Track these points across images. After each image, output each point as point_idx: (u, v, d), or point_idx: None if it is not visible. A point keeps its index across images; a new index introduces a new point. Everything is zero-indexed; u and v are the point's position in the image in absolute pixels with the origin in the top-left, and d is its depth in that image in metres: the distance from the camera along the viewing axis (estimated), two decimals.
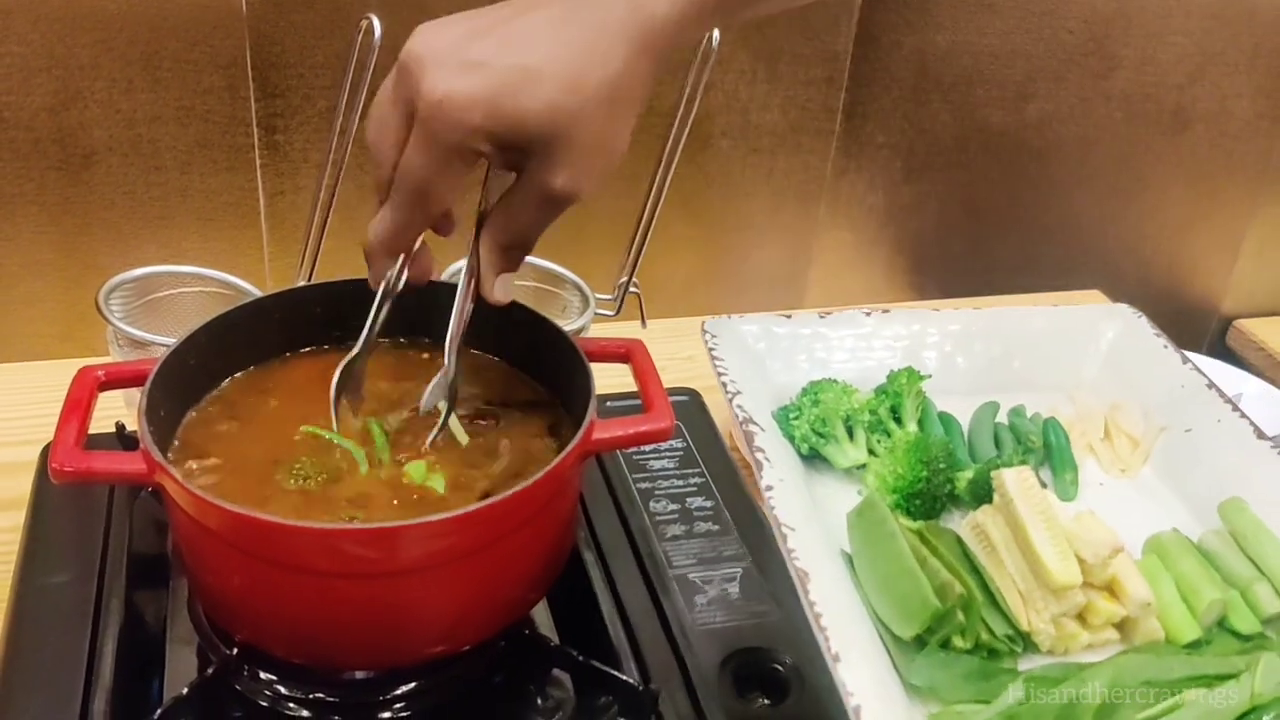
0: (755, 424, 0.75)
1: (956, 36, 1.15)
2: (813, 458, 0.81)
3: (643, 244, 0.94)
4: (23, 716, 0.66)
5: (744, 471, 0.92)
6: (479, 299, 0.69)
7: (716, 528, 0.83)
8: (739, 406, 0.76)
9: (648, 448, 0.89)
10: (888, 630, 0.68)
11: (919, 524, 0.75)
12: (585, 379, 0.70)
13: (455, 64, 0.59)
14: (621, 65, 0.60)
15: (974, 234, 1.26)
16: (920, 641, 0.68)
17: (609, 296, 0.96)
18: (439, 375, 0.71)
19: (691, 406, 0.95)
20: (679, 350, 1.09)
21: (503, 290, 0.68)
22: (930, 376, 0.85)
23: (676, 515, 0.84)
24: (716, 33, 0.86)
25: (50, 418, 0.93)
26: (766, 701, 0.71)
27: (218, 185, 1.07)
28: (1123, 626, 0.72)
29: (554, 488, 0.67)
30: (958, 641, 0.68)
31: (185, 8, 0.98)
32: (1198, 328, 1.39)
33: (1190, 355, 0.93)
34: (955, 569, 0.70)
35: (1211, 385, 0.84)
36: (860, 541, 0.73)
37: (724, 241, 1.22)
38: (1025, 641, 0.70)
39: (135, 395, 0.86)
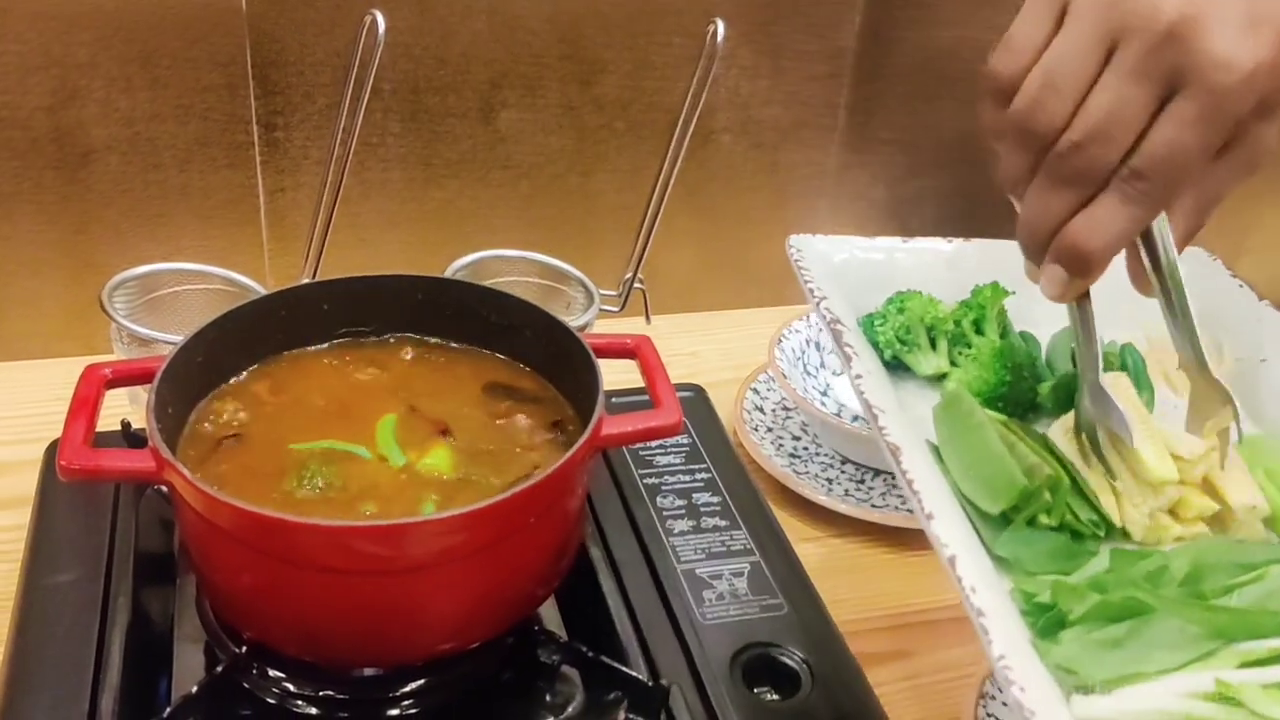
0: (842, 324, 0.75)
1: (960, 32, 1.15)
2: (894, 366, 0.83)
3: (647, 240, 0.94)
4: (31, 715, 0.66)
5: (749, 466, 0.92)
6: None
7: (724, 523, 0.83)
8: (825, 309, 0.77)
9: (654, 443, 0.89)
10: (976, 510, 0.69)
11: (1006, 418, 0.76)
12: (593, 375, 0.70)
13: (1240, 24, 0.52)
14: None
15: (977, 229, 1.24)
16: (1006, 519, 0.68)
17: (613, 293, 0.95)
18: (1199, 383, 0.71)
19: (697, 402, 0.95)
20: (683, 346, 1.09)
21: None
22: (1014, 293, 0.86)
23: (683, 511, 0.83)
24: (721, 28, 0.86)
25: (52, 416, 0.93)
26: (776, 696, 0.72)
27: (217, 183, 1.06)
28: (1216, 522, 0.73)
29: (563, 484, 0.67)
30: (1043, 520, 0.69)
31: (184, 5, 0.98)
32: None
33: None
34: (1042, 454, 0.72)
35: None
36: (947, 431, 0.74)
37: (727, 237, 1.21)
38: (1109, 527, 0.70)
39: (140, 393, 0.86)
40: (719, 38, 0.84)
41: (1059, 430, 0.78)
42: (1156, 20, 0.53)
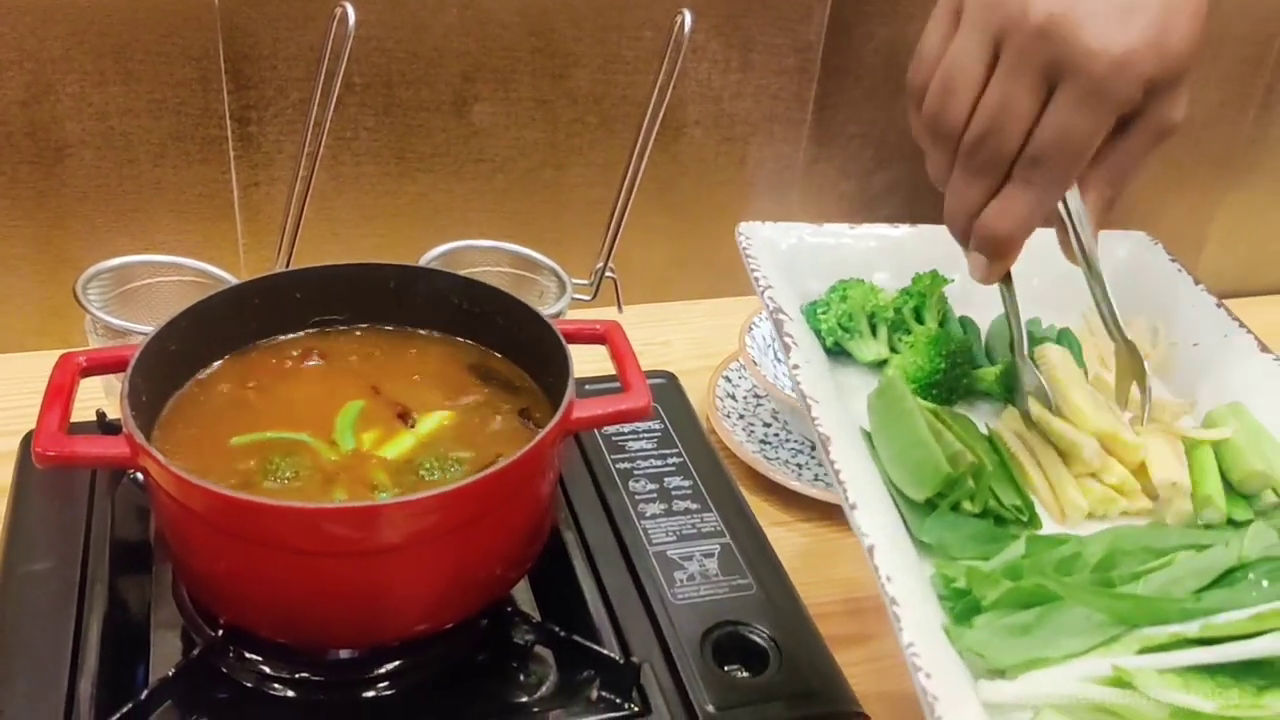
0: (784, 313, 0.77)
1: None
2: (836, 353, 0.84)
3: (618, 229, 0.95)
4: (8, 701, 0.66)
5: (721, 452, 0.93)
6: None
7: (695, 506, 0.84)
8: (769, 298, 0.78)
9: (626, 429, 0.90)
10: (903, 497, 0.71)
11: (935, 405, 0.78)
12: (563, 359, 0.71)
13: (1113, 14, 0.55)
14: None
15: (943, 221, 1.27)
16: (931, 505, 0.70)
17: (585, 282, 0.96)
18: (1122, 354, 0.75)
19: (669, 389, 0.96)
20: (655, 336, 1.10)
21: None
22: (954, 280, 0.88)
23: (655, 494, 0.85)
24: (689, 20, 0.87)
25: (27, 409, 0.93)
26: (746, 673, 0.73)
27: (191, 178, 1.07)
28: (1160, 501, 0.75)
29: (534, 466, 0.68)
30: (967, 506, 0.71)
31: (157, 0, 0.98)
32: None
33: None
34: (967, 441, 0.73)
35: (1221, 304, 0.87)
36: (878, 418, 0.76)
37: (698, 229, 1.22)
38: (1031, 513, 0.73)
39: (115, 384, 0.87)
40: (686, 29, 0.85)
41: (1007, 417, 0.80)
42: (1029, 20, 0.56)
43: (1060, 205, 0.67)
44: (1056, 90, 0.58)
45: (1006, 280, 0.75)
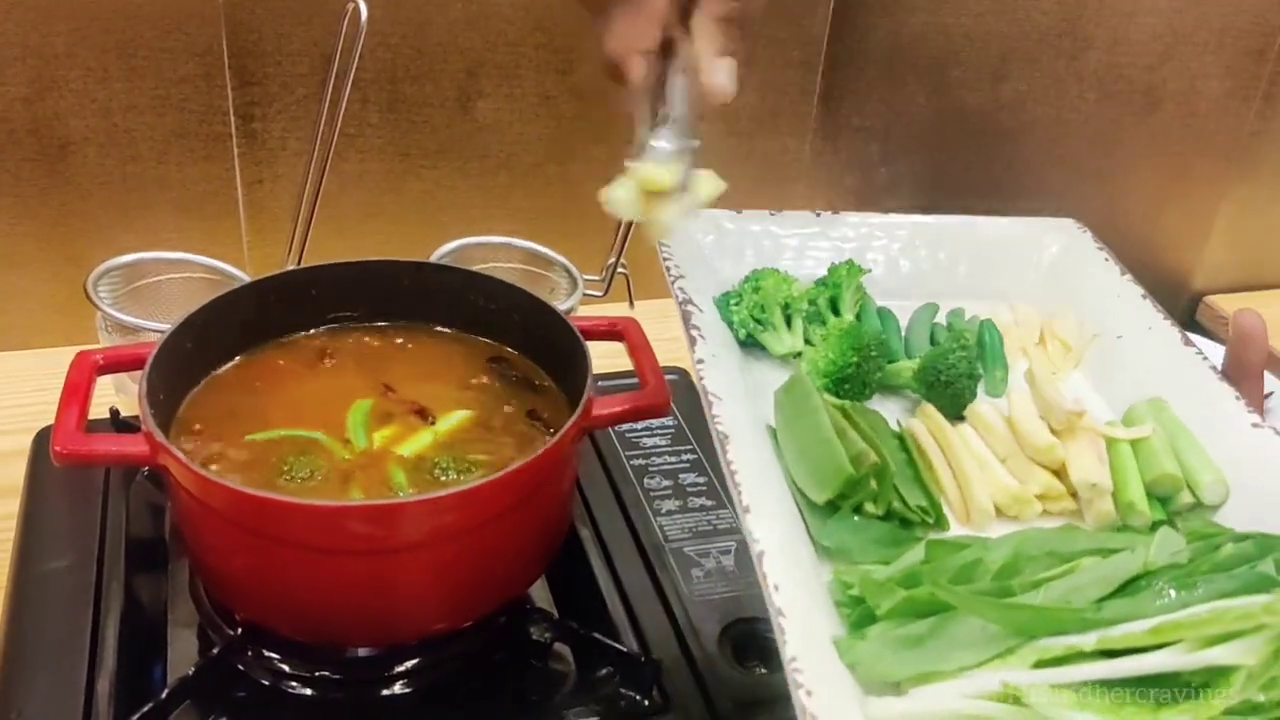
0: (694, 305, 0.75)
1: (931, 19, 1.16)
2: (751, 345, 0.82)
3: (630, 224, 0.94)
4: (28, 700, 0.66)
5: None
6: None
7: (710, 502, 0.84)
8: (679, 289, 0.76)
9: (640, 425, 0.90)
10: (805, 498, 0.69)
11: (843, 402, 0.76)
12: (581, 356, 0.71)
13: None
14: None
15: (949, 213, 1.27)
16: (833, 507, 0.68)
17: (596, 278, 0.96)
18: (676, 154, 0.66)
19: (682, 385, 0.96)
20: (666, 330, 1.09)
21: (728, 75, 0.61)
22: (870, 271, 0.86)
23: (670, 491, 0.85)
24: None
25: (36, 407, 0.94)
26: (764, 670, 0.73)
27: (195, 174, 1.06)
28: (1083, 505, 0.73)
29: (553, 464, 0.67)
30: (870, 508, 0.69)
31: None
32: (1168, 304, 1.39)
33: None
34: (873, 441, 0.71)
35: (1147, 296, 0.85)
36: (784, 415, 0.74)
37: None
38: (937, 515, 0.71)
39: (126, 382, 0.87)
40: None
41: (921, 414, 0.78)
42: None
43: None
44: None
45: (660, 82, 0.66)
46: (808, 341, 0.82)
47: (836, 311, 0.84)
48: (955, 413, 0.78)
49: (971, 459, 0.74)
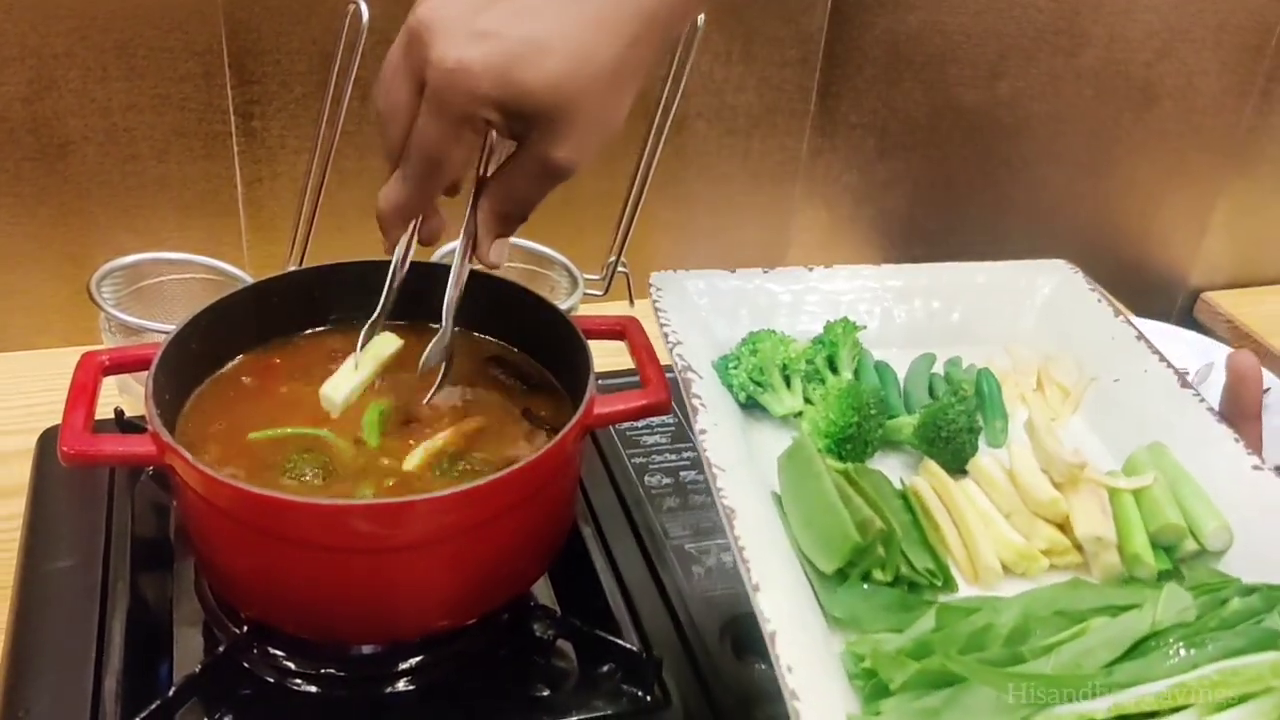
0: (694, 372, 0.75)
1: (928, 16, 1.17)
2: (751, 407, 0.83)
3: (631, 222, 0.95)
4: (36, 699, 0.66)
5: None
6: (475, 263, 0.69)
7: (710, 500, 0.84)
8: (679, 355, 0.77)
9: (640, 424, 0.90)
10: (813, 567, 0.69)
11: (846, 465, 0.77)
12: (583, 355, 0.71)
13: (465, 33, 0.59)
14: (627, 43, 0.61)
15: (947, 210, 1.28)
16: (842, 575, 0.68)
17: (596, 276, 0.97)
18: (436, 338, 0.72)
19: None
20: None
21: (498, 253, 0.69)
22: (865, 327, 0.87)
23: (671, 489, 0.85)
24: (701, 15, 0.87)
25: (40, 407, 0.94)
26: (765, 665, 0.73)
27: (195, 173, 1.06)
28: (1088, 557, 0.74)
29: (556, 463, 0.68)
30: (878, 575, 0.69)
31: None
32: (1166, 300, 1.41)
33: (1161, 324, 0.94)
34: (878, 506, 0.71)
35: (1141, 337, 0.85)
36: (788, 482, 0.74)
37: (702, 222, 1.23)
38: (946, 577, 0.71)
39: (130, 383, 0.87)
40: (699, 24, 0.85)
41: (923, 471, 0.79)
42: (408, 24, 0.61)
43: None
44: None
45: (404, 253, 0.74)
46: (808, 401, 0.83)
47: (834, 369, 0.84)
48: (957, 466, 0.78)
49: (977, 516, 0.73)
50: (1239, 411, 0.78)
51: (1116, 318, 0.87)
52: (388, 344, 0.74)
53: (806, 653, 0.59)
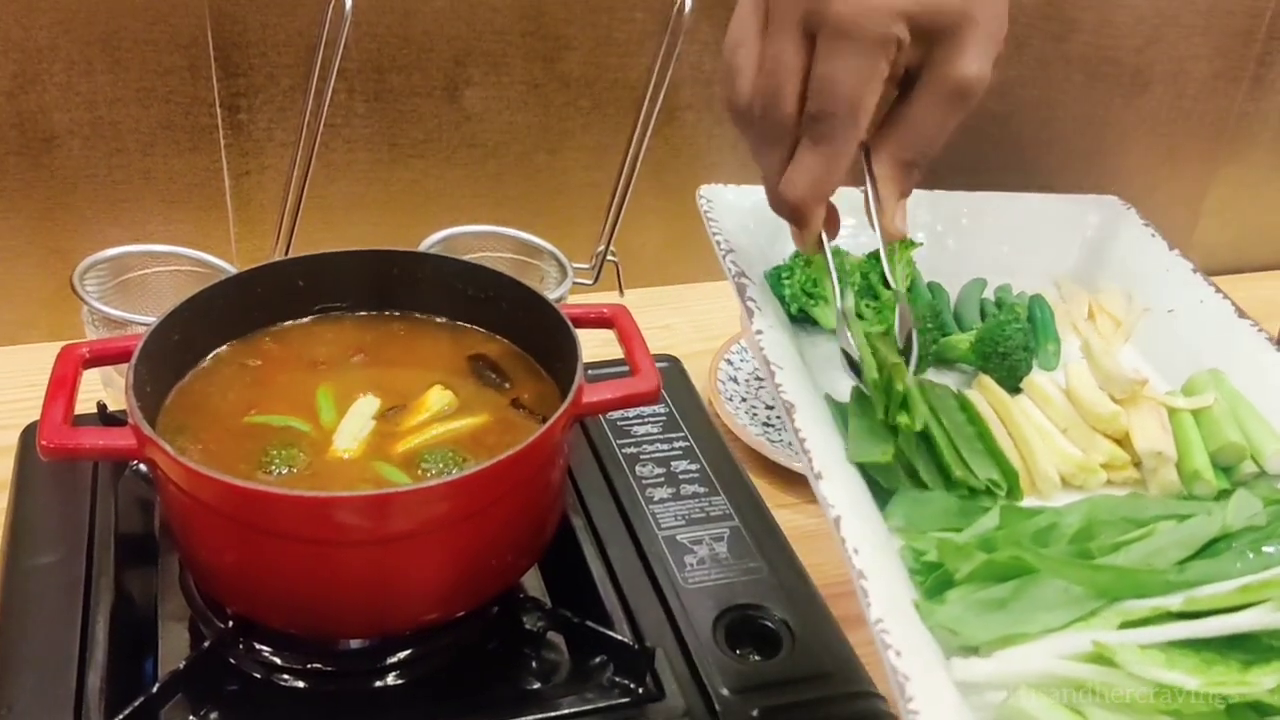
0: (747, 278, 0.74)
1: None
2: (802, 320, 0.81)
3: (619, 213, 0.94)
4: (17, 696, 0.65)
5: (726, 435, 0.93)
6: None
7: (703, 490, 0.84)
8: (731, 262, 0.75)
9: (631, 413, 0.90)
10: (866, 476, 0.68)
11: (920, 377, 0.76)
12: (571, 344, 0.71)
13: None
14: None
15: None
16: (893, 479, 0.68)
17: (586, 266, 0.96)
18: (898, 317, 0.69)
19: (673, 372, 0.95)
20: (655, 319, 1.10)
21: (904, 220, 0.63)
22: (921, 244, 0.86)
23: (662, 479, 0.84)
24: (689, 2, 0.87)
25: (24, 402, 0.93)
26: (759, 657, 0.72)
27: (181, 167, 1.06)
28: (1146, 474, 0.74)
29: (544, 453, 0.67)
30: (927, 479, 0.69)
31: None
32: None
33: None
34: (936, 415, 0.71)
35: (1197, 270, 0.86)
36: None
37: (693, 212, 1.21)
38: (1012, 483, 0.70)
39: (114, 376, 0.86)
40: (686, 10, 0.85)
41: (979, 385, 0.78)
42: None
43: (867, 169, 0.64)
44: (817, 40, 0.57)
45: (823, 246, 0.69)
46: (859, 315, 0.81)
47: (887, 285, 0.83)
48: (1012, 385, 0.78)
49: (1033, 429, 0.74)
50: None
51: (1172, 250, 0.87)
52: (369, 405, 0.72)
53: (870, 541, 0.58)
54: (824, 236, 0.66)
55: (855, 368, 0.69)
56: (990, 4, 0.58)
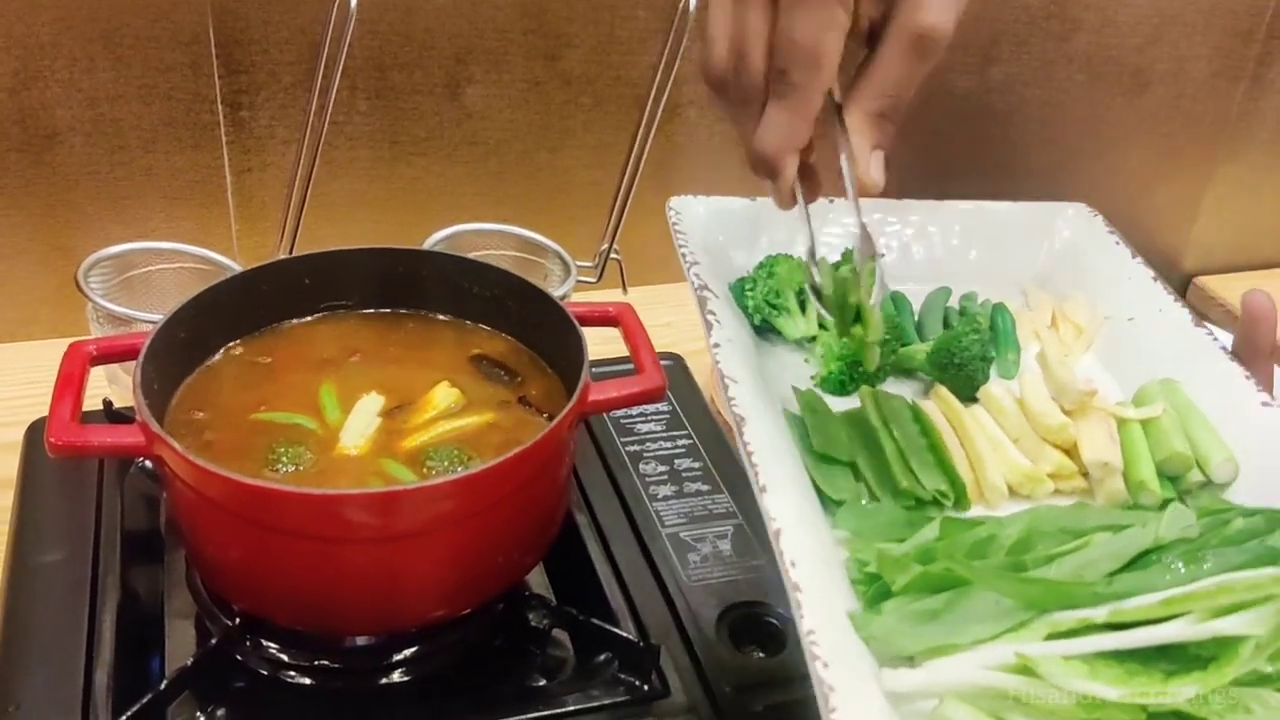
0: (710, 290, 0.75)
1: None
2: (765, 330, 0.83)
3: (623, 211, 0.94)
4: (25, 694, 0.65)
5: (728, 433, 0.93)
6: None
7: (706, 487, 0.84)
8: (695, 274, 0.76)
9: (635, 411, 0.90)
10: (817, 488, 0.70)
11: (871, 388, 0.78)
12: (577, 342, 0.71)
13: None
14: None
15: (939, 196, 1.27)
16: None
17: (589, 264, 0.96)
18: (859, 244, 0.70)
19: (676, 370, 0.96)
20: (658, 317, 1.09)
21: (879, 169, 0.65)
22: (884, 255, 0.87)
23: (666, 476, 0.85)
24: (693, 0, 0.87)
25: (28, 399, 0.93)
26: (762, 654, 0.73)
27: (183, 164, 1.06)
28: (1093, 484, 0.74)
29: (550, 451, 0.67)
30: (877, 492, 0.70)
31: None
32: None
33: None
34: (889, 427, 0.73)
35: (1157, 278, 0.86)
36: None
37: None
38: (959, 495, 0.71)
39: (119, 374, 0.86)
40: (691, 7, 0.85)
41: (935, 396, 0.79)
42: None
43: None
44: (779, 2, 0.59)
45: (802, 202, 0.70)
46: (821, 326, 0.82)
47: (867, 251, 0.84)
48: (968, 394, 0.79)
49: (985, 439, 0.74)
50: (1252, 350, 0.78)
51: (1134, 259, 0.88)
52: (374, 403, 0.73)
53: (810, 554, 0.59)
54: (800, 196, 0.67)
55: (818, 292, 0.72)
56: None
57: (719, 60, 0.62)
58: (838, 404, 0.78)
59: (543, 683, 0.71)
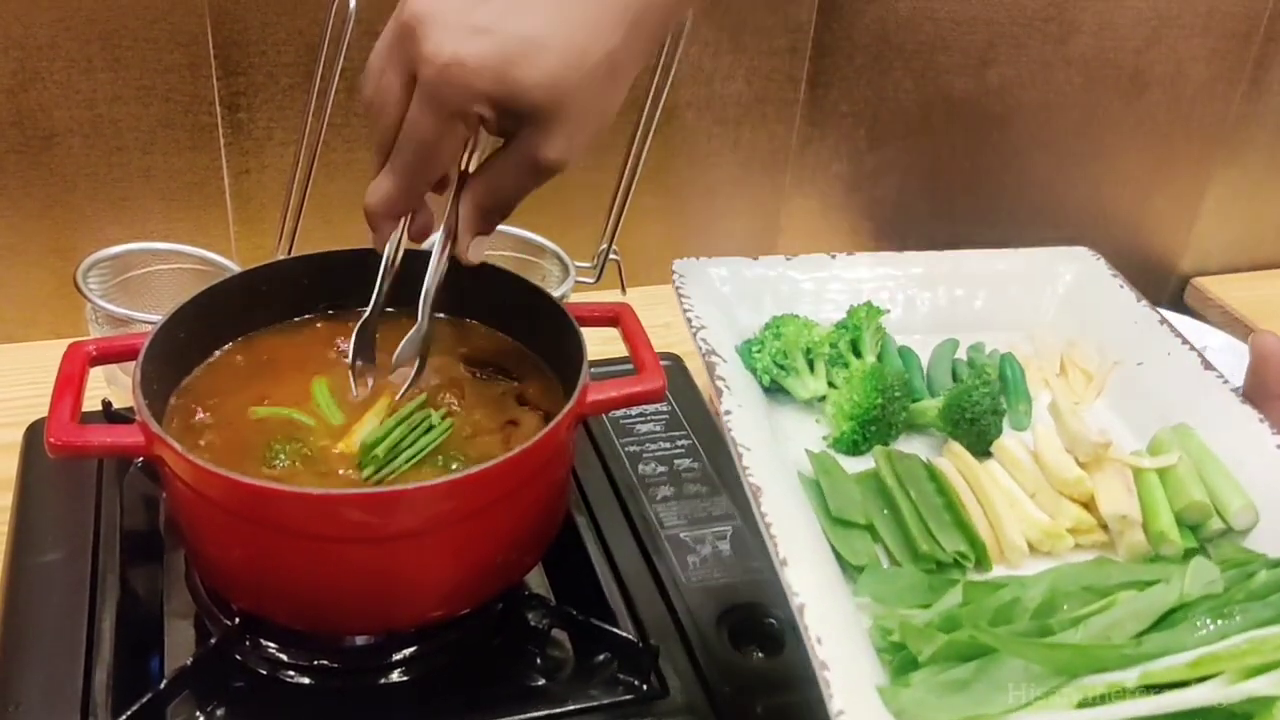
0: (718, 355, 0.76)
1: (918, 4, 1.16)
2: (775, 390, 0.83)
3: (622, 211, 0.94)
4: (25, 693, 0.65)
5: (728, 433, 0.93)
6: (453, 259, 0.69)
7: (705, 489, 0.84)
8: (702, 340, 0.77)
9: (634, 412, 0.90)
10: (836, 554, 0.70)
11: (886, 449, 0.78)
12: (576, 342, 0.71)
13: (460, 27, 0.58)
14: (620, 39, 0.60)
15: (937, 199, 1.28)
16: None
17: (588, 264, 0.96)
18: (412, 331, 0.71)
19: (675, 371, 0.96)
20: (656, 317, 1.09)
21: (476, 252, 0.69)
22: (889, 311, 0.87)
23: (665, 477, 0.85)
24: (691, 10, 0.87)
25: (25, 399, 0.93)
26: (761, 655, 0.73)
27: (181, 165, 1.06)
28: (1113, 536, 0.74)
29: (549, 451, 0.67)
30: (898, 556, 0.70)
31: None
32: (1157, 287, 1.41)
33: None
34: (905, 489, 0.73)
35: (1164, 321, 0.86)
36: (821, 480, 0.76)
37: (692, 211, 1.22)
38: (980, 556, 0.71)
39: (118, 375, 0.86)
40: (688, 15, 0.85)
41: (948, 452, 0.79)
42: (400, 15, 0.61)
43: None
44: (416, 84, 0.61)
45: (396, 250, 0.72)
46: (831, 385, 0.83)
47: (858, 353, 0.85)
48: (982, 449, 0.79)
49: (1002, 496, 0.74)
50: (1263, 392, 0.78)
51: (1139, 303, 0.88)
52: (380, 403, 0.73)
53: (835, 627, 0.59)
54: (399, 241, 0.70)
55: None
56: (589, 99, 0.61)
57: (366, 95, 0.64)
58: (851, 464, 0.78)
59: (542, 682, 0.71)
